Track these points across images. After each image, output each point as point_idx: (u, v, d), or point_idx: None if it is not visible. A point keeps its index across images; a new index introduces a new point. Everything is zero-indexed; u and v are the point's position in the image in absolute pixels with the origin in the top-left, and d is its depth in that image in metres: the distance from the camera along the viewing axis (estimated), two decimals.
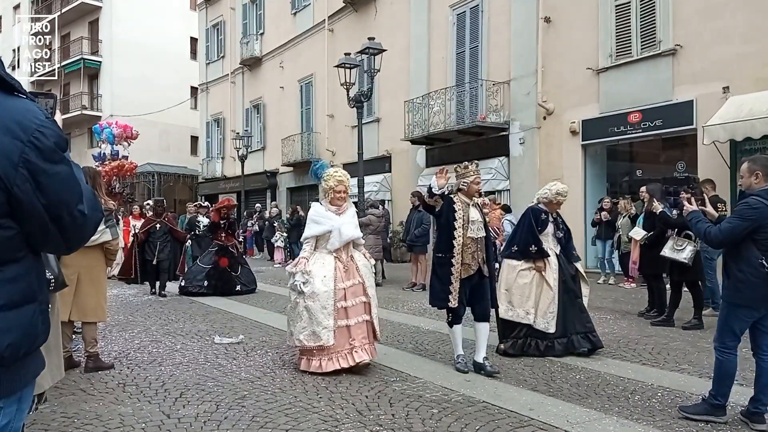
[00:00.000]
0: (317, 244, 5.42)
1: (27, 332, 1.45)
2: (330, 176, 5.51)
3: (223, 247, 11.15)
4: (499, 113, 15.36)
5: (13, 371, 1.45)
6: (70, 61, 34.47)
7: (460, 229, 5.29)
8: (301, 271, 5.24)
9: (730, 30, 11.07)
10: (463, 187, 5.47)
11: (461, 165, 5.60)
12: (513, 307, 5.94)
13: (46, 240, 1.48)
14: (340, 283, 5.24)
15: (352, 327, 5.23)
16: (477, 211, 5.46)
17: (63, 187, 1.42)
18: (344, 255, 5.41)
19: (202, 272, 10.97)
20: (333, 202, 5.47)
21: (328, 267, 5.28)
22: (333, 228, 5.32)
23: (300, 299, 5.22)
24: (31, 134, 1.37)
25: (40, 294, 1.51)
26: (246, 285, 11.19)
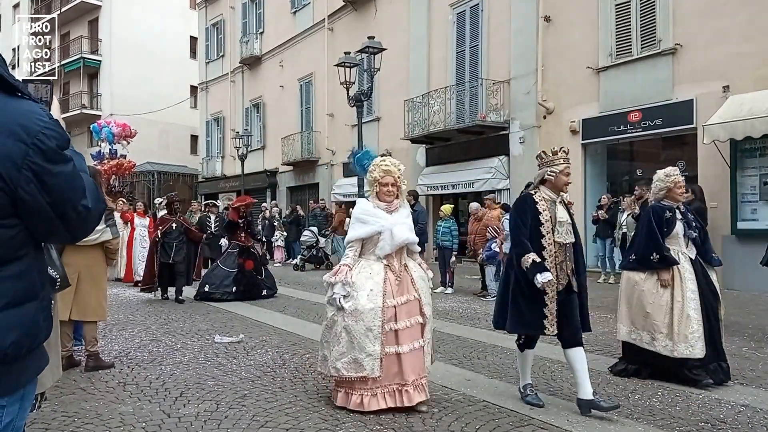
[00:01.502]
0: (363, 249, 4.41)
1: (30, 330, 1.45)
2: (375, 166, 4.51)
3: (244, 248, 10.43)
4: (499, 112, 15.36)
5: (16, 369, 1.45)
6: (69, 60, 34.47)
7: (549, 234, 4.25)
8: (342, 282, 4.18)
9: (730, 29, 11.08)
10: (550, 177, 4.38)
11: (548, 150, 4.53)
12: (636, 329, 4.99)
13: (52, 234, 1.51)
14: (391, 299, 4.20)
15: (404, 355, 4.16)
16: (565, 210, 4.42)
17: (67, 185, 1.43)
18: (397, 263, 4.37)
19: (229, 276, 10.13)
20: (381, 197, 4.47)
21: (376, 278, 4.24)
22: (383, 229, 4.30)
23: (339, 317, 4.21)
24: (34, 136, 1.37)
25: (42, 291, 1.52)
26: (270, 288, 10.60)
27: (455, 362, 5.74)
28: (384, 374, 4.12)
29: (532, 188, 4.49)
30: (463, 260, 13.57)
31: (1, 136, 1.34)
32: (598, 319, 8.06)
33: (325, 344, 4.34)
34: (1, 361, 1.39)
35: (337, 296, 4.18)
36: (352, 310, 4.16)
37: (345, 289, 4.18)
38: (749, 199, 10.90)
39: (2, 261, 1.40)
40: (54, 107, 1.69)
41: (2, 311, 1.38)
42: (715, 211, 10.44)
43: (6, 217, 1.38)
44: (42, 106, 1.47)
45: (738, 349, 6.16)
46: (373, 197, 4.54)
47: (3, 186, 1.35)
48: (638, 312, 4.97)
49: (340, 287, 4.20)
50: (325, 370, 4.37)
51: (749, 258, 10.63)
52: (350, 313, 4.16)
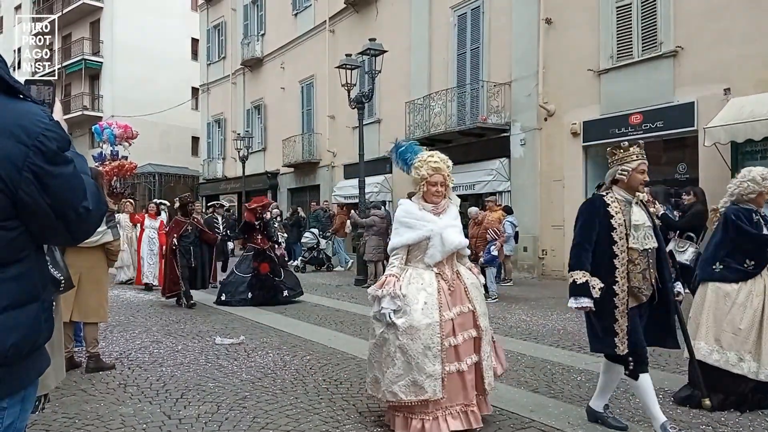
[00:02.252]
0: (409, 256, 3.92)
1: (31, 331, 1.46)
2: (422, 162, 3.98)
3: (260, 251, 10.02)
4: (500, 114, 15.36)
5: (17, 370, 1.45)
6: (71, 62, 34.53)
7: (622, 241, 3.73)
8: (391, 295, 3.69)
9: (731, 31, 11.08)
10: (622, 177, 3.87)
11: (619, 146, 3.99)
12: (722, 349, 4.31)
13: (53, 235, 1.52)
14: (447, 312, 3.73)
15: (466, 374, 3.74)
16: (643, 211, 3.89)
17: (67, 187, 1.43)
18: (448, 271, 3.88)
19: (243, 282, 9.75)
20: (428, 197, 3.97)
21: (429, 289, 3.76)
22: (432, 234, 3.81)
23: (390, 335, 3.72)
24: (35, 138, 1.37)
25: (43, 292, 1.52)
26: (292, 289, 10.14)
27: None
28: (448, 394, 3.66)
29: (603, 189, 4.02)
30: None
31: (1, 138, 1.34)
32: None
33: (376, 365, 3.84)
34: (2, 363, 1.39)
35: (387, 312, 3.68)
36: (406, 327, 3.65)
37: (395, 303, 3.69)
38: None
39: (3, 263, 1.40)
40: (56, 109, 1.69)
41: (3, 313, 1.38)
42: None
43: (6, 219, 1.38)
44: (43, 108, 1.47)
45: None
46: (417, 198, 4.04)
47: (3, 188, 1.35)
48: (728, 329, 4.30)
49: (388, 301, 3.69)
50: (377, 394, 3.85)
51: None
52: (404, 330, 3.66)
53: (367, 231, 12.48)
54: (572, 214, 14.40)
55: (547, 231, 14.39)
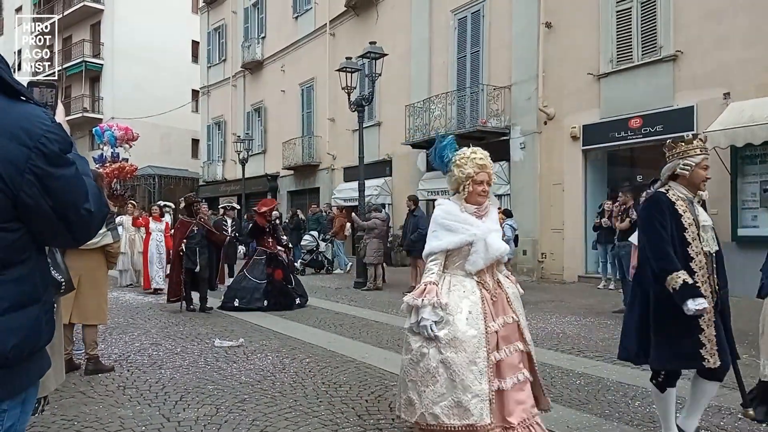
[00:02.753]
0: (446, 262, 3.51)
1: (31, 333, 1.46)
2: (466, 159, 3.57)
3: (271, 256, 9.74)
4: (500, 118, 15.38)
5: (18, 372, 1.45)
6: (71, 64, 34.59)
7: (695, 242, 3.41)
8: (433, 304, 3.29)
9: (730, 36, 11.10)
10: (684, 172, 3.52)
11: (679, 140, 3.62)
12: None
13: (55, 237, 1.52)
14: (492, 323, 3.35)
15: (507, 393, 3.31)
16: (703, 211, 3.62)
17: (69, 188, 1.43)
18: (489, 280, 3.50)
19: (259, 289, 9.44)
20: (471, 198, 3.55)
21: (472, 297, 3.38)
22: (476, 239, 3.42)
23: (430, 349, 3.29)
24: (37, 140, 1.37)
25: (44, 294, 1.52)
26: (302, 296, 9.94)
27: None
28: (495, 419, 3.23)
29: (660, 185, 3.64)
30: None
31: (3, 140, 1.35)
32: (599, 324, 8.07)
33: (410, 384, 3.35)
34: (3, 365, 1.39)
35: (428, 323, 3.26)
36: (449, 339, 3.24)
37: (437, 314, 3.28)
38: (750, 206, 10.90)
39: (4, 264, 1.40)
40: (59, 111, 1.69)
41: (4, 315, 1.39)
42: (715, 217, 10.37)
43: (8, 221, 1.38)
44: (45, 110, 1.48)
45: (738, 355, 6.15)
46: (458, 198, 3.62)
47: (5, 189, 1.35)
48: None
49: (429, 311, 3.28)
50: (412, 417, 3.33)
51: (750, 265, 10.60)
52: (448, 342, 3.24)
53: (367, 234, 12.48)
54: (572, 218, 14.46)
55: (546, 234, 14.39)
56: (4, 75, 1.41)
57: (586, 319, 8.51)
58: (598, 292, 11.70)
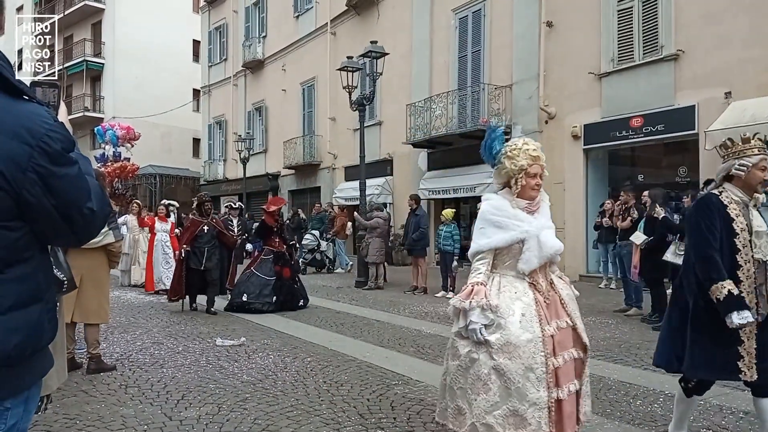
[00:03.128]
0: (494, 261, 3.25)
1: (34, 332, 1.46)
2: (517, 151, 3.26)
3: (279, 254, 9.58)
4: (500, 117, 15.36)
5: (20, 371, 1.45)
6: (72, 63, 34.62)
7: (746, 249, 3.20)
8: (482, 306, 3.04)
9: (732, 35, 11.09)
10: (740, 173, 3.31)
11: (736, 139, 3.44)
12: None
13: (58, 236, 1.52)
14: (547, 326, 3.09)
15: (564, 402, 3.06)
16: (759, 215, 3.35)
17: (72, 187, 1.43)
18: (542, 280, 3.23)
19: (268, 285, 9.21)
20: (524, 193, 3.26)
21: (525, 298, 3.13)
22: (527, 236, 3.16)
23: (481, 354, 3.04)
24: (39, 139, 1.37)
25: (47, 293, 1.52)
26: (305, 299, 9.77)
27: None
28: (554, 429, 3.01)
29: (713, 187, 3.46)
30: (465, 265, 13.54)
31: (5, 139, 1.35)
32: (600, 324, 8.07)
33: (459, 392, 3.12)
34: (6, 364, 1.39)
35: (477, 327, 3.01)
36: (502, 344, 3.00)
37: (486, 317, 3.03)
38: None
39: (7, 263, 1.40)
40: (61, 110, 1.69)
41: (6, 313, 1.39)
42: None
43: (11, 220, 1.38)
44: (47, 109, 1.47)
45: None
46: (508, 192, 3.31)
47: (7, 188, 1.35)
48: None
49: (479, 314, 3.03)
50: (462, 427, 3.08)
51: None
52: (500, 347, 2.99)
53: (369, 233, 12.48)
54: (573, 217, 14.50)
55: None
56: (7, 74, 1.41)
57: (588, 319, 8.51)
58: (599, 292, 11.70)
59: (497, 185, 3.43)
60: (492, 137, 3.37)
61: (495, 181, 3.46)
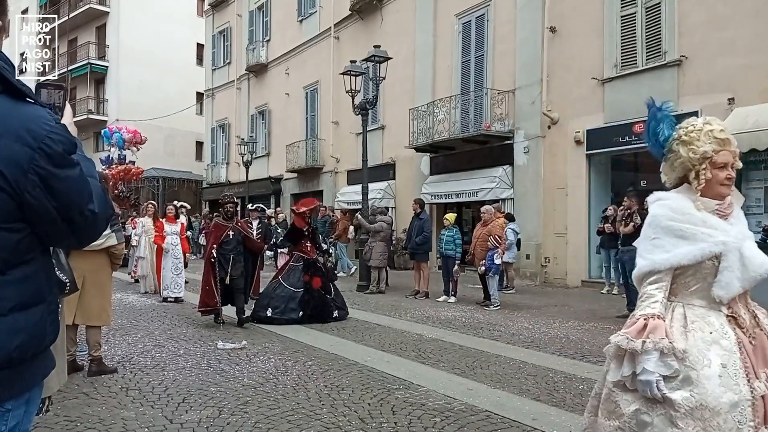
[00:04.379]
0: (674, 283, 2.38)
1: (36, 333, 1.46)
2: (698, 133, 2.52)
3: (309, 262, 8.70)
4: (503, 122, 15.39)
5: (21, 372, 1.45)
6: (76, 66, 34.75)
7: None
8: (661, 350, 2.18)
9: (735, 41, 11.09)
10: None
11: None
12: None
13: (58, 238, 1.51)
14: (757, 383, 2.20)
15: None
16: None
17: (73, 189, 1.44)
18: (745, 313, 2.34)
19: (294, 298, 8.40)
20: (710, 190, 2.41)
21: (725, 343, 2.24)
22: (725, 249, 2.29)
23: (656, 418, 2.19)
24: (41, 141, 1.38)
25: (49, 295, 1.52)
26: (341, 308, 8.85)
27: (458, 371, 5.73)
28: None
29: None
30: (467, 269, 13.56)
31: (7, 141, 1.35)
32: (602, 329, 8.05)
33: None
34: (7, 365, 1.39)
35: (654, 377, 2.17)
36: (692, 407, 2.13)
37: (668, 365, 2.18)
38: (754, 212, 10.88)
39: (9, 265, 1.40)
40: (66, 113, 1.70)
41: (9, 314, 1.39)
42: None
43: (13, 221, 1.38)
44: (49, 111, 1.48)
45: None
46: (688, 190, 2.44)
47: (9, 190, 1.35)
48: None
49: (656, 360, 2.18)
50: None
51: None
52: (689, 412, 2.13)
53: (372, 237, 12.47)
54: (575, 222, 14.47)
55: (549, 239, 14.38)
56: (9, 77, 1.41)
57: (590, 324, 8.50)
58: (601, 297, 11.68)
59: (668, 182, 2.57)
60: (658, 117, 2.68)
61: (665, 176, 2.61)
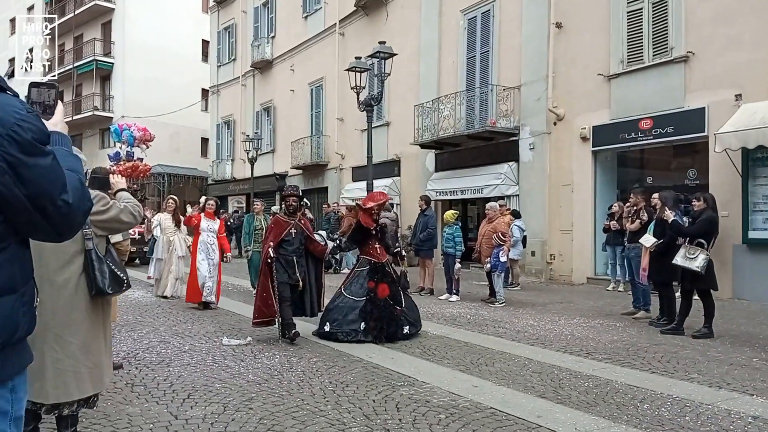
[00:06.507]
0: None
1: (6, 323, 1.46)
2: None
3: (377, 266, 7.31)
4: (509, 118, 15.34)
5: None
6: (82, 62, 34.82)
7: None
8: None
9: (742, 37, 11.01)
10: None
11: None
12: None
13: (33, 228, 1.50)
14: None
15: None
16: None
17: (44, 179, 1.43)
18: None
19: (355, 308, 7.04)
20: None
21: None
22: None
23: None
24: (9, 128, 1.38)
25: (22, 285, 1.52)
26: (414, 324, 7.34)
27: (462, 368, 5.73)
28: None
29: None
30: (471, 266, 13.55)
31: None
32: (607, 326, 8.03)
33: None
34: None
35: None
36: None
37: None
38: (761, 209, 10.81)
39: None
40: (58, 110, 1.72)
41: None
42: (726, 220, 10.36)
43: None
44: (21, 100, 1.49)
45: (748, 359, 6.11)
46: None
47: None
48: None
49: None
50: None
51: (760, 268, 10.56)
52: None
53: None
54: (581, 219, 14.43)
55: (555, 235, 14.34)
56: None
57: (595, 321, 8.48)
58: (607, 294, 11.64)
59: None
60: None
61: None
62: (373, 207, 7.51)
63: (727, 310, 9.22)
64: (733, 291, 10.84)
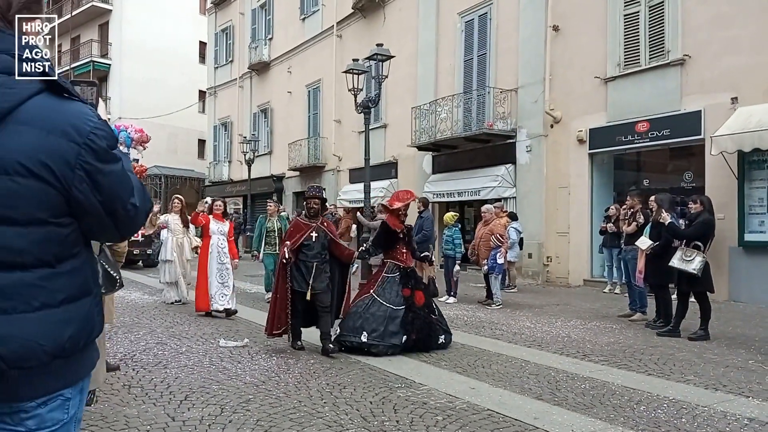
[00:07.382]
0: None
1: (85, 324, 1.50)
2: None
3: (407, 272, 6.82)
4: (506, 121, 15.36)
5: (74, 362, 1.49)
6: (79, 64, 34.78)
7: None
8: None
9: (739, 40, 11.06)
10: None
11: None
12: None
13: (103, 232, 1.56)
14: None
15: None
16: None
17: (117, 184, 1.47)
18: None
19: (395, 319, 6.45)
20: None
21: None
22: None
23: None
24: (86, 137, 1.41)
25: (95, 287, 1.57)
26: (447, 332, 6.87)
27: (460, 370, 5.73)
28: None
29: None
30: (468, 268, 13.57)
31: (55, 138, 1.38)
32: (604, 329, 8.05)
33: None
34: (61, 354, 1.43)
35: None
36: None
37: None
38: (757, 211, 10.85)
39: (59, 258, 1.44)
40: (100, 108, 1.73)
41: (60, 306, 1.43)
42: (722, 222, 10.39)
43: (61, 216, 1.42)
44: (90, 107, 1.51)
45: (744, 361, 6.13)
46: None
47: (58, 186, 1.38)
48: None
49: None
50: None
51: (756, 270, 10.60)
52: None
53: (373, 234, 12.43)
54: (578, 221, 14.44)
55: (552, 238, 14.36)
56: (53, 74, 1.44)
57: (592, 323, 8.50)
58: (603, 296, 11.67)
59: None
60: None
61: None
62: (401, 207, 6.95)
63: (723, 313, 9.25)
64: (729, 293, 10.87)
